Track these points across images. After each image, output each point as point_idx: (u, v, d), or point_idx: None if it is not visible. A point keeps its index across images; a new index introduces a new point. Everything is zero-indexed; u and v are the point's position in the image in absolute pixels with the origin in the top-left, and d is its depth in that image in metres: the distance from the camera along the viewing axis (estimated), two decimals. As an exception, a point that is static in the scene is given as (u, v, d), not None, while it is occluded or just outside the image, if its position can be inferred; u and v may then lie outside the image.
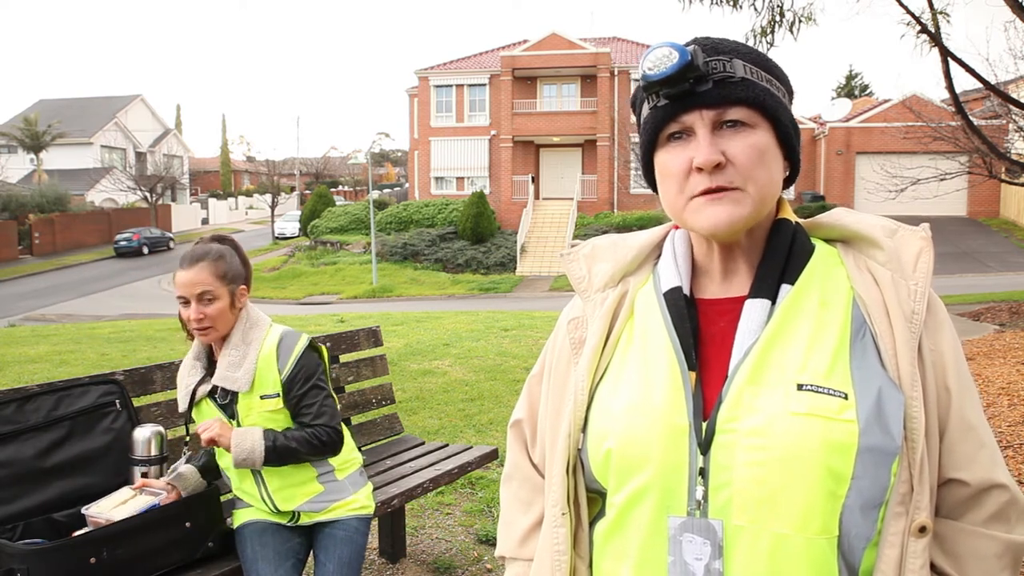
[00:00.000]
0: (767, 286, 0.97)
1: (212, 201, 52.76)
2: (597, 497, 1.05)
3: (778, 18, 8.20)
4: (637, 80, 1.06)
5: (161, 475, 2.33)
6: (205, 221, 50.48)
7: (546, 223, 30.14)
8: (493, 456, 3.52)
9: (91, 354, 8.58)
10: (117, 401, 2.42)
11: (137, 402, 2.51)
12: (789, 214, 1.03)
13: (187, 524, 2.20)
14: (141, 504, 2.17)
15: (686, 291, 1.02)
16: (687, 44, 0.96)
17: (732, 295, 1.00)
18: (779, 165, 0.98)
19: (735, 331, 0.96)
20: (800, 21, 8.17)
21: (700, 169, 0.94)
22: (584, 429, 1.03)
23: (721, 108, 0.94)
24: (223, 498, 2.54)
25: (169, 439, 2.48)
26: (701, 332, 1.00)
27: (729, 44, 0.97)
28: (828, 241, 1.04)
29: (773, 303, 0.96)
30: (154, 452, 2.31)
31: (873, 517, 0.90)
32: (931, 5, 7.31)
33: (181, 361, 2.77)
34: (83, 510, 2.17)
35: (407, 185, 42.98)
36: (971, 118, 8.97)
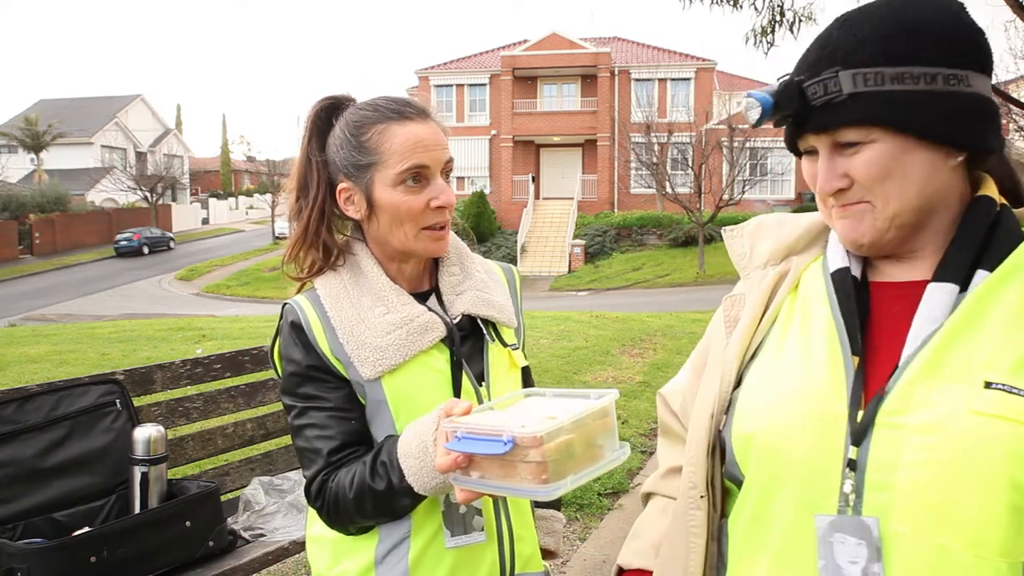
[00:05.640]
0: (955, 269, 0.86)
1: (212, 201, 52.76)
2: (734, 486, 1.00)
3: (778, 18, 8.20)
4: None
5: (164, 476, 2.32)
6: (205, 221, 50.48)
7: (546, 223, 30.15)
8: (493, 456, 3.50)
9: (91, 354, 8.57)
10: (117, 401, 2.42)
11: (137, 402, 2.51)
12: (992, 191, 0.91)
13: (187, 524, 2.20)
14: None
15: (855, 272, 0.95)
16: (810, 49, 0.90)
17: (913, 278, 0.91)
18: (922, 166, 0.87)
19: (912, 317, 0.87)
20: (800, 21, 8.17)
21: None
22: (728, 410, 0.98)
23: (832, 132, 0.88)
24: (224, 497, 2.54)
25: (169, 439, 2.47)
26: (871, 316, 0.92)
27: (845, 48, 0.88)
28: None
29: (963, 290, 0.86)
30: (154, 452, 2.30)
31: None
32: (931, 5, 7.32)
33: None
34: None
35: (407, 185, 42.93)
36: (971, 118, 8.97)
